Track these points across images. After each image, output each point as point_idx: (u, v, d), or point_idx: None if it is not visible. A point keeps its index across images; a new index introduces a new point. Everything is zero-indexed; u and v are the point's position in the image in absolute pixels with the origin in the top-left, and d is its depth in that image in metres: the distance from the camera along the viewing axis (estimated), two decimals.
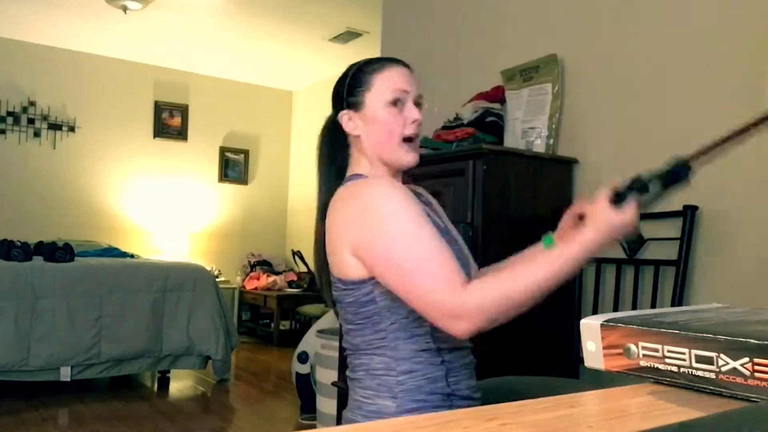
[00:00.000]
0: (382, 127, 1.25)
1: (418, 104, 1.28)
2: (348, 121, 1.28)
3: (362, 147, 1.28)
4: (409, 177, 1.35)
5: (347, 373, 1.28)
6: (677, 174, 1.09)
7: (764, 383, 0.48)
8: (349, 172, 1.32)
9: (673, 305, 1.98)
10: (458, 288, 1.04)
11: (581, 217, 1.24)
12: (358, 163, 1.30)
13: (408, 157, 1.27)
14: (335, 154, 1.34)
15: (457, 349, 1.22)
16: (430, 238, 1.10)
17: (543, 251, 1.16)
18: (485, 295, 1.04)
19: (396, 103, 1.25)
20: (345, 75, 1.31)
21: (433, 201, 1.42)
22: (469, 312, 1.03)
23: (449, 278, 1.06)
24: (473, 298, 1.03)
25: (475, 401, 1.23)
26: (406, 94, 1.26)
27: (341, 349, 2.61)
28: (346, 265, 1.18)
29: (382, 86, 1.25)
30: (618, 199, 1.10)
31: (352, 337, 1.24)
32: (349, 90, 1.28)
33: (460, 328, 1.04)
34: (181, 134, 6.39)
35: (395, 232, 1.11)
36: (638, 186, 1.10)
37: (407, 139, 1.26)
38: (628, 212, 1.10)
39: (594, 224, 1.11)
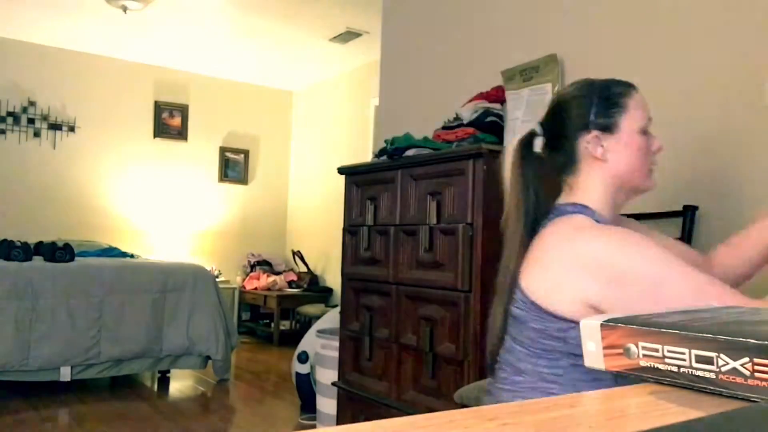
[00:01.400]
0: (636, 155, 1.21)
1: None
2: (595, 144, 1.20)
3: (604, 172, 1.21)
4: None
5: (498, 383, 1.23)
6: None
7: (764, 383, 0.48)
8: (568, 197, 1.24)
9: None
10: (737, 293, 1.05)
11: None
12: (586, 190, 1.22)
13: (652, 183, 1.26)
14: (536, 178, 1.25)
15: (560, 384, 1.18)
16: (690, 268, 1.07)
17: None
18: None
19: (646, 132, 1.23)
20: (580, 96, 1.24)
21: (644, 228, 1.38)
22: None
23: (724, 289, 1.05)
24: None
25: None
26: (650, 122, 1.25)
27: (341, 349, 2.62)
28: (563, 305, 1.12)
29: (637, 112, 1.22)
30: None
31: (518, 359, 1.19)
32: (599, 111, 1.21)
33: None
34: (181, 134, 6.39)
35: (657, 276, 1.06)
36: None
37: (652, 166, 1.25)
38: None
39: None
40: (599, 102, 1.22)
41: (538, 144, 1.27)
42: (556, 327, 1.13)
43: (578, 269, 1.11)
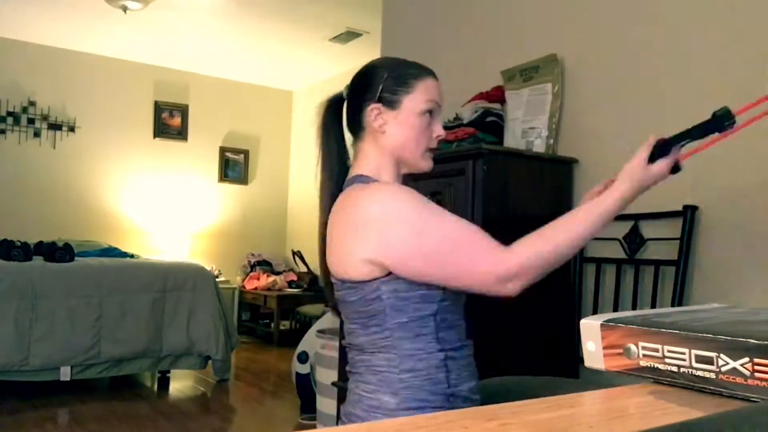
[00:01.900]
0: (412, 133, 1.27)
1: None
2: (377, 115, 1.28)
3: (381, 143, 1.28)
4: (409, 177, 1.35)
5: (347, 368, 1.28)
6: (718, 123, 1.17)
7: (764, 383, 0.48)
8: (355, 169, 1.32)
9: (673, 305, 1.98)
10: (500, 251, 1.10)
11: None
12: (366, 158, 1.30)
13: (427, 164, 1.31)
14: (338, 142, 1.37)
15: (459, 349, 1.23)
16: (457, 219, 1.15)
17: (574, 209, 1.20)
18: (530, 250, 1.10)
19: (429, 113, 1.28)
20: (378, 68, 1.31)
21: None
22: (518, 269, 1.09)
23: (488, 246, 1.11)
24: (520, 256, 1.09)
25: (475, 403, 1.23)
26: (438, 107, 1.30)
27: (341, 349, 2.61)
28: (352, 267, 1.18)
29: (422, 94, 1.27)
30: (655, 155, 1.18)
31: (355, 336, 1.24)
32: (387, 86, 1.28)
33: (512, 287, 1.10)
34: (181, 134, 6.39)
35: (420, 224, 1.13)
36: (678, 141, 1.18)
37: (428, 149, 1.30)
38: (663, 165, 1.19)
39: (629, 177, 1.18)
40: (390, 78, 1.28)
41: (344, 107, 1.36)
42: (368, 290, 1.18)
43: (354, 232, 1.18)
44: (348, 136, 1.38)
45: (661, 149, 1.18)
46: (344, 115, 1.36)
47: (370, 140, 1.30)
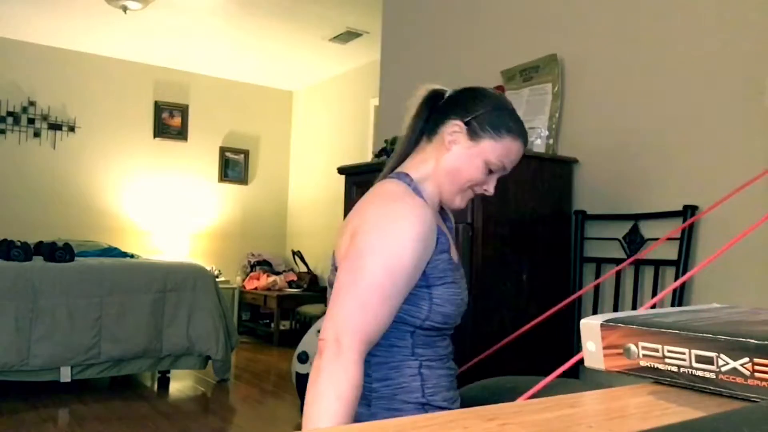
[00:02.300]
0: (466, 171, 1.25)
1: (498, 179, 1.31)
2: (454, 132, 1.25)
3: (440, 157, 1.26)
4: None
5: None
6: None
7: (764, 383, 0.48)
8: (408, 165, 1.30)
9: (673, 305, 1.98)
10: (349, 345, 1.04)
11: None
12: (422, 162, 1.28)
13: (460, 204, 1.30)
14: (419, 131, 1.32)
15: (436, 359, 1.21)
16: (393, 292, 1.10)
17: None
18: (339, 380, 1.03)
19: (491, 170, 1.26)
20: (488, 98, 1.29)
21: (448, 232, 1.40)
22: (337, 363, 1.03)
23: (360, 332, 1.06)
24: (340, 362, 1.03)
25: None
26: (504, 170, 1.28)
27: None
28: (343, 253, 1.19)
29: (502, 150, 1.25)
30: None
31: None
32: (482, 118, 1.25)
33: (325, 357, 1.05)
34: (181, 134, 6.39)
35: (381, 257, 1.10)
36: None
37: (468, 192, 1.28)
38: None
39: None
40: (490, 114, 1.26)
41: (438, 105, 1.32)
42: None
43: (350, 227, 1.18)
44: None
45: None
46: (431, 109, 1.32)
47: (435, 148, 1.28)
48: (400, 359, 1.17)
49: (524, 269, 2.18)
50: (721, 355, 0.50)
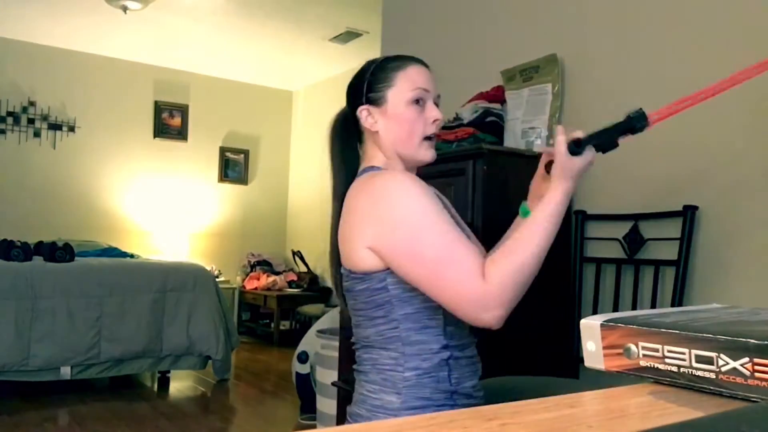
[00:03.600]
0: (403, 125, 1.25)
1: (436, 104, 1.30)
2: (367, 116, 1.27)
3: (380, 142, 1.28)
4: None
5: (354, 366, 1.28)
6: (632, 123, 1.19)
7: (764, 383, 0.48)
8: (363, 165, 1.31)
9: (673, 305, 1.98)
10: (481, 279, 1.06)
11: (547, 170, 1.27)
12: (374, 157, 1.30)
13: (428, 154, 1.29)
14: (349, 149, 1.34)
15: (464, 348, 1.22)
16: (450, 229, 1.12)
17: (528, 219, 1.18)
18: (501, 273, 1.06)
19: (418, 101, 1.26)
20: (364, 70, 1.31)
21: (445, 200, 1.42)
22: (495, 296, 1.05)
23: (474, 268, 1.07)
24: (494, 282, 1.06)
25: (477, 400, 1.23)
26: (428, 93, 1.28)
27: (341, 349, 2.62)
28: (358, 257, 1.18)
29: (405, 84, 1.26)
30: (576, 148, 1.18)
31: (363, 329, 1.23)
32: (369, 86, 1.27)
33: (491, 316, 1.06)
34: (181, 134, 6.39)
35: (416, 224, 1.11)
36: (595, 139, 1.20)
37: (427, 137, 1.28)
38: (588, 156, 1.19)
39: (560, 175, 1.18)
40: (372, 76, 1.28)
41: (346, 115, 1.35)
42: (375, 280, 1.17)
43: (360, 219, 1.17)
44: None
45: (575, 144, 1.19)
46: (345, 127, 1.35)
47: (371, 142, 1.30)
48: (431, 344, 1.17)
49: None
50: (721, 355, 0.50)
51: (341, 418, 2.60)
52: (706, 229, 1.97)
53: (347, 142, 1.34)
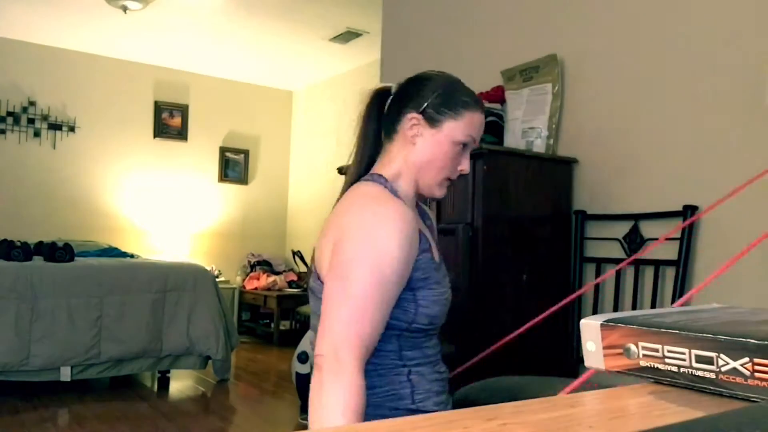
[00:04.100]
0: (440, 157, 1.24)
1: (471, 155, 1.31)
2: (413, 125, 1.24)
3: (408, 153, 1.25)
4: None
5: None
6: None
7: (764, 383, 0.48)
8: (377, 167, 1.28)
9: (673, 305, 1.98)
10: (348, 358, 1.04)
11: None
12: (390, 162, 1.27)
13: (441, 193, 1.29)
14: (376, 137, 1.31)
15: (425, 364, 1.20)
16: (386, 297, 1.09)
17: None
18: (343, 392, 1.04)
19: (464, 146, 1.25)
20: (433, 81, 1.27)
21: (429, 220, 1.40)
22: (331, 369, 1.05)
23: (354, 339, 1.05)
24: (342, 377, 1.04)
25: None
26: (473, 143, 1.28)
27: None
28: (322, 264, 1.18)
29: (466, 126, 1.24)
30: None
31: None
32: (436, 102, 1.24)
33: (326, 375, 1.06)
34: (181, 134, 6.39)
35: (369, 263, 1.08)
36: None
37: (448, 179, 1.28)
38: None
39: None
40: (440, 96, 1.24)
41: (387, 103, 1.31)
42: None
43: (333, 231, 1.16)
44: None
45: None
46: (385, 111, 1.32)
47: (399, 146, 1.26)
48: (388, 366, 1.15)
49: (524, 269, 2.18)
50: (721, 355, 0.50)
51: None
52: (706, 229, 1.97)
53: (377, 129, 1.31)
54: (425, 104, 1.24)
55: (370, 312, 1.07)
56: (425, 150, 1.24)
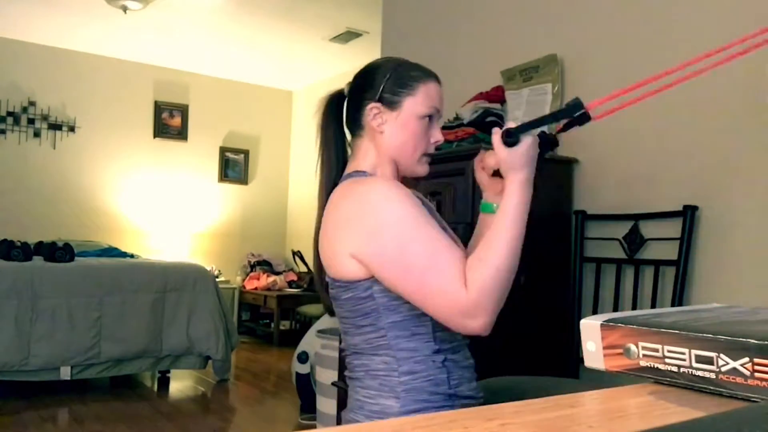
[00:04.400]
0: (410, 136, 1.25)
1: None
2: (376, 114, 1.26)
3: (379, 143, 1.26)
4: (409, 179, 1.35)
5: (346, 373, 1.27)
6: (569, 112, 1.16)
7: (764, 383, 0.48)
8: (352, 165, 1.29)
9: (673, 305, 1.98)
10: (461, 285, 1.05)
11: (495, 171, 1.25)
12: (364, 157, 1.28)
13: (423, 170, 1.29)
14: (341, 139, 1.33)
15: (457, 350, 1.21)
16: (436, 235, 1.11)
17: (494, 216, 1.17)
18: (480, 280, 1.05)
19: (429, 118, 1.26)
20: (382, 67, 1.29)
21: (429, 204, 1.42)
22: (477, 304, 1.04)
23: (456, 277, 1.06)
24: (474, 289, 1.04)
25: (477, 401, 1.22)
26: (438, 113, 1.28)
27: (341, 349, 2.62)
28: (342, 265, 1.17)
29: (424, 98, 1.25)
30: (510, 139, 1.15)
31: (351, 336, 1.22)
32: (389, 85, 1.26)
33: (477, 324, 1.05)
34: (181, 134, 6.39)
35: (400, 232, 1.10)
36: (526, 127, 1.16)
37: (425, 154, 1.28)
38: (527, 142, 1.15)
39: (507, 168, 1.15)
40: (392, 78, 1.26)
41: (344, 105, 1.34)
42: (361, 288, 1.16)
43: (343, 227, 1.16)
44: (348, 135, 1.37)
45: (507, 135, 1.15)
46: (344, 113, 1.34)
47: (368, 139, 1.28)
48: (423, 350, 1.16)
49: (524, 269, 2.17)
50: (721, 355, 0.50)
51: (341, 419, 2.60)
52: (706, 229, 1.97)
53: (340, 131, 1.33)
54: (380, 90, 1.26)
55: (444, 258, 1.08)
56: (394, 135, 1.25)
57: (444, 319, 1.07)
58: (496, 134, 1.16)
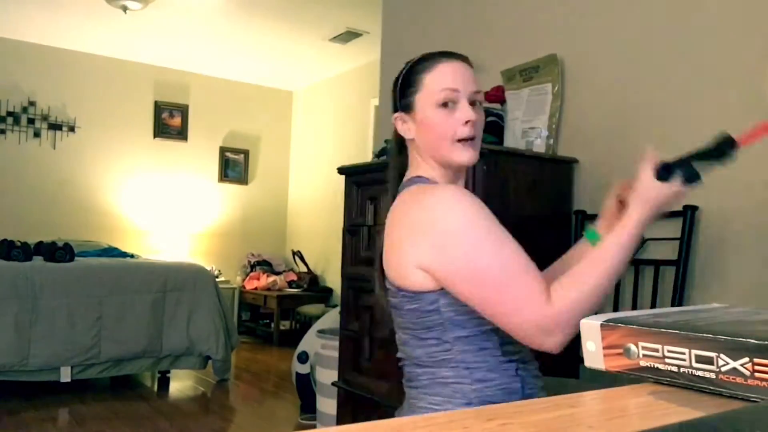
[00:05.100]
0: (431, 130, 1.21)
1: (473, 102, 1.22)
2: (402, 124, 1.25)
3: (417, 148, 1.25)
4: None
5: (405, 381, 1.22)
6: (722, 150, 1.13)
7: (764, 383, 0.48)
8: (409, 174, 1.27)
9: (673, 305, 1.98)
10: (544, 300, 1.02)
11: (622, 202, 1.21)
12: (417, 166, 1.26)
13: (463, 156, 1.20)
14: (399, 157, 1.32)
15: (525, 361, 1.18)
16: (509, 245, 1.07)
17: (601, 246, 1.11)
18: (569, 299, 1.03)
19: (447, 104, 1.20)
20: (397, 76, 1.29)
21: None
22: (560, 321, 1.02)
23: (537, 290, 1.03)
24: (559, 306, 1.02)
25: None
26: (457, 93, 1.21)
27: (341, 349, 2.62)
28: (407, 276, 1.13)
29: (431, 87, 1.21)
30: (664, 174, 1.11)
31: (411, 348, 1.18)
32: (400, 92, 1.26)
33: (553, 341, 1.04)
34: (181, 134, 6.39)
35: (472, 244, 1.06)
36: (685, 164, 1.12)
37: (461, 140, 1.21)
38: (676, 183, 1.11)
39: (641, 200, 1.11)
40: (402, 83, 1.26)
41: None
42: (426, 301, 1.13)
43: (410, 236, 1.13)
44: None
45: (664, 169, 1.12)
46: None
47: (412, 149, 1.27)
48: (495, 362, 1.13)
49: None
50: (721, 355, 0.50)
51: (341, 418, 2.60)
52: (706, 229, 1.97)
53: (399, 151, 1.32)
54: (397, 100, 1.27)
55: (520, 270, 1.05)
56: (421, 135, 1.23)
57: (520, 333, 1.04)
58: (650, 164, 1.12)
